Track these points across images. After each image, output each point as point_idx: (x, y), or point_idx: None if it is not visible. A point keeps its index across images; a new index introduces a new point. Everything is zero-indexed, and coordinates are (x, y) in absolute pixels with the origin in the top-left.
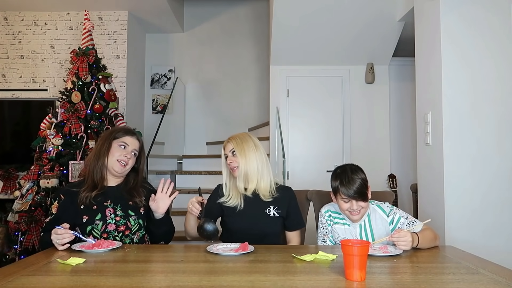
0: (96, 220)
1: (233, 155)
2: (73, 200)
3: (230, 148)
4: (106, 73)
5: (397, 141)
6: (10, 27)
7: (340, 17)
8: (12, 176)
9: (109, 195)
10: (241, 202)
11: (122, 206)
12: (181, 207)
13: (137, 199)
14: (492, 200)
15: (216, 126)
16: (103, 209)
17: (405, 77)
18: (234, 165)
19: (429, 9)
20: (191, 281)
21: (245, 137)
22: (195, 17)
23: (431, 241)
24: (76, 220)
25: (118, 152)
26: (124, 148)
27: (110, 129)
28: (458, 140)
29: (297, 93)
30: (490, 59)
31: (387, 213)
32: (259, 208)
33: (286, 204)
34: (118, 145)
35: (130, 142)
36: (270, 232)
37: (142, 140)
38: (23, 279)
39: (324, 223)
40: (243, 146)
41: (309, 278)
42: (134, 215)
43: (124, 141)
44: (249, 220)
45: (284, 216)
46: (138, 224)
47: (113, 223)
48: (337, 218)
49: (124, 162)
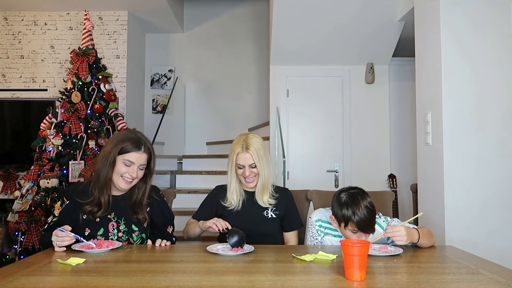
0: (98, 235)
1: (252, 168)
2: (75, 208)
3: (250, 162)
4: (106, 73)
5: (397, 141)
6: (10, 27)
7: (340, 17)
8: (12, 176)
9: (113, 206)
10: (239, 204)
11: (126, 220)
12: (182, 207)
13: (140, 216)
14: (492, 200)
15: (216, 126)
16: (106, 223)
17: (405, 77)
18: (252, 178)
19: (429, 9)
20: (191, 281)
21: (261, 146)
22: (195, 17)
23: (430, 237)
24: (77, 229)
25: (123, 169)
26: (130, 166)
27: (118, 138)
28: (458, 140)
29: (297, 93)
30: (490, 59)
31: (384, 227)
32: (257, 210)
33: (284, 205)
34: (123, 162)
35: (136, 158)
36: (268, 234)
37: (151, 148)
38: (23, 279)
39: (315, 233)
40: (263, 160)
41: (309, 278)
42: (137, 231)
43: (129, 159)
44: (247, 221)
45: (281, 217)
46: (141, 239)
47: (115, 239)
48: (327, 228)
49: (129, 179)
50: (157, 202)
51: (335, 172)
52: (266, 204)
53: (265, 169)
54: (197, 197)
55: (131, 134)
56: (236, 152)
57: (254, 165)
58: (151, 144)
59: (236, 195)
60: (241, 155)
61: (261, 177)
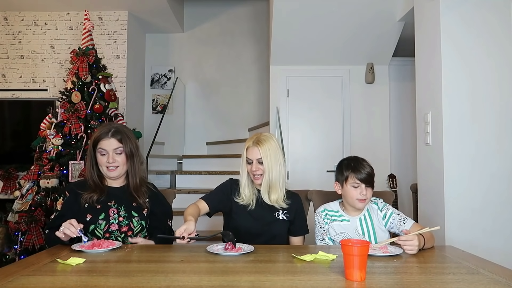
0: (99, 219)
1: (260, 163)
2: (77, 198)
3: (257, 156)
4: (106, 73)
5: (397, 141)
6: (10, 27)
7: (340, 17)
8: (12, 176)
9: (113, 195)
10: (253, 203)
11: (126, 207)
12: (182, 207)
13: (141, 200)
14: (492, 200)
15: (216, 126)
16: (106, 209)
17: (405, 77)
18: (258, 173)
19: (429, 9)
20: (191, 281)
21: (273, 145)
22: (195, 17)
23: (431, 239)
24: (79, 219)
25: (103, 159)
26: (104, 155)
27: (94, 134)
28: (458, 140)
29: (297, 93)
30: (490, 59)
31: (381, 208)
32: (269, 210)
33: (294, 210)
34: (99, 153)
35: (106, 145)
36: (278, 235)
37: (122, 132)
38: (23, 279)
39: (321, 221)
40: (272, 158)
41: (309, 278)
42: (137, 216)
43: (101, 147)
44: (259, 221)
45: (291, 220)
46: (141, 226)
47: (116, 223)
48: (334, 216)
49: (112, 166)
50: (155, 194)
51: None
52: (273, 203)
53: (273, 167)
54: (197, 197)
55: (104, 126)
56: (247, 146)
57: (261, 161)
58: (123, 129)
59: (248, 191)
60: (250, 149)
61: (266, 174)
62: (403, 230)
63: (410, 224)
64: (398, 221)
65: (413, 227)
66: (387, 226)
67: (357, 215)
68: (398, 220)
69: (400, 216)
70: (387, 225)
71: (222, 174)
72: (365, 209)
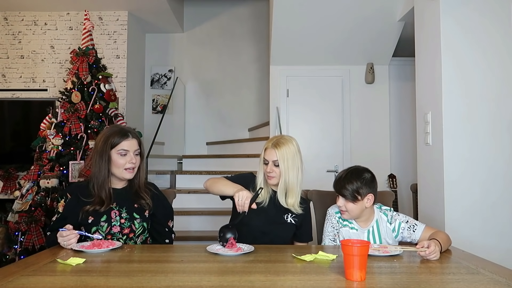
0: (101, 221)
1: (275, 166)
2: (78, 200)
3: (274, 158)
4: (106, 73)
5: (397, 141)
6: (10, 27)
7: (340, 17)
8: (12, 176)
9: (115, 197)
10: (266, 201)
11: (128, 209)
12: (182, 207)
13: (143, 201)
14: (492, 200)
15: (216, 126)
16: (108, 211)
17: (405, 77)
18: (273, 175)
19: (429, 9)
20: (191, 281)
21: (292, 150)
22: (195, 17)
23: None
24: (81, 220)
25: (122, 161)
26: (126, 155)
27: (105, 135)
28: (458, 140)
29: (297, 93)
30: (490, 58)
31: (390, 220)
32: (279, 212)
33: (303, 215)
34: (119, 154)
35: (128, 145)
36: (284, 237)
37: (137, 134)
38: (23, 279)
39: (335, 223)
40: (289, 162)
41: (309, 278)
42: (139, 218)
43: (122, 148)
44: (268, 221)
45: (297, 225)
46: (142, 227)
47: (117, 225)
48: (346, 221)
49: (130, 167)
50: (157, 196)
51: (335, 172)
52: (289, 206)
53: (290, 172)
54: (197, 197)
55: (114, 128)
56: (265, 147)
57: (277, 163)
58: (134, 130)
59: (264, 186)
60: (268, 150)
61: (283, 178)
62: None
63: (421, 229)
64: (407, 230)
65: (424, 232)
66: (397, 238)
67: (366, 226)
68: (407, 229)
69: (408, 223)
70: (397, 237)
71: (222, 174)
72: (373, 221)
